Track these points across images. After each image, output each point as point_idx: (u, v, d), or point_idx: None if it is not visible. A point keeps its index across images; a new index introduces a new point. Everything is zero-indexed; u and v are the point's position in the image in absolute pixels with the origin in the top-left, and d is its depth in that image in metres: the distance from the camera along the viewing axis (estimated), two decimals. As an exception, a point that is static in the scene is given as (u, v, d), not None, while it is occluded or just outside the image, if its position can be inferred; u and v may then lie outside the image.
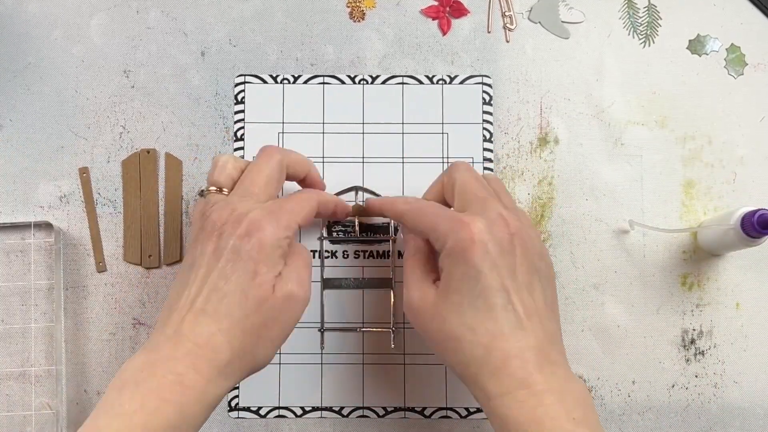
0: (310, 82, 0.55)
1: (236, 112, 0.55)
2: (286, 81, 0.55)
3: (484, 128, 0.55)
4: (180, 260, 0.53)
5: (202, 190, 0.46)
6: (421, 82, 0.55)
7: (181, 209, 0.54)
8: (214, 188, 0.45)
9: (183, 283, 0.42)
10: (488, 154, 0.54)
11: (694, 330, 0.53)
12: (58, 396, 0.52)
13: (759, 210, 0.46)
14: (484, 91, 0.55)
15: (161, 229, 0.54)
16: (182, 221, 0.54)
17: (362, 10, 0.56)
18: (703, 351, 0.53)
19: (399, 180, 0.54)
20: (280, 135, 0.55)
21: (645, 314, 0.53)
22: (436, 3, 0.56)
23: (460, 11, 0.56)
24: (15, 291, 0.53)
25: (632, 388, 0.53)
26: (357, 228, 0.53)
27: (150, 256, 0.53)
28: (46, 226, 0.53)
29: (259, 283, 0.41)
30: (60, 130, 0.54)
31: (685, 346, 0.53)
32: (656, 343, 0.53)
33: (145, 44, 0.56)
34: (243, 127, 0.54)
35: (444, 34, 0.56)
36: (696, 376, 0.53)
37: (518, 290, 0.41)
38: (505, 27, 0.56)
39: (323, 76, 0.55)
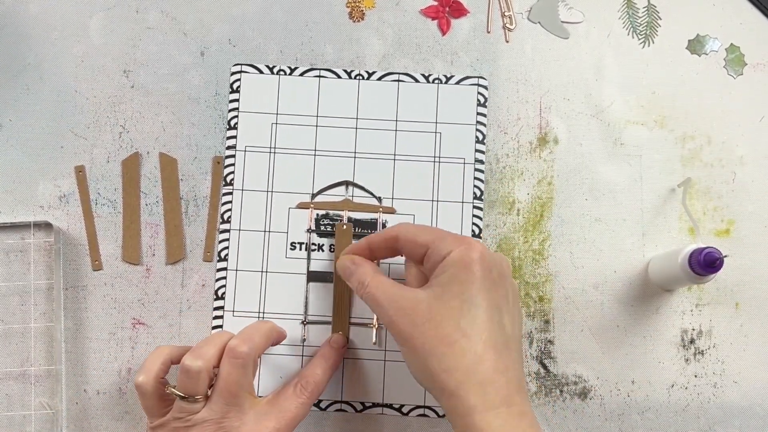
0: (306, 74, 0.55)
1: (231, 101, 0.55)
2: (282, 72, 0.55)
3: (477, 129, 0.55)
4: (183, 258, 0.53)
5: (173, 388, 0.45)
6: (417, 81, 0.55)
7: (180, 208, 0.54)
8: (187, 396, 0.45)
9: None
10: (480, 156, 0.54)
11: (693, 330, 0.53)
12: (58, 396, 0.52)
13: (706, 248, 0.47)
14: (479, 93, 0.55)
15: (162, 229, 0.54)
16: (182, 221, 0.54)
17: (362, 10, 0.56)
18: (702, 351, 0.53)
19: (390, 177, 0.54)
20: (274, 126, 0.55)
21: (644, 314, 0.53)
22: (435, 3, 0.56)
23: (460, 11, 0.56)
24: (15, 291, 0.53)
25: (632, 387, 0.53)
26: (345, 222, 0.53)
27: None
28: (46, 226, 0.53)
29: None
30: (60, 130, 0.54)
31: (684, 346, 0.53)
32: (656, 342, 0.53)
33: (144, 44, 0.56)
34: (237, 116, 0.55)
35: (443, 34, 0.56)
36: (695, 376, 0.53)
37: (509, 313, 0.43)
38: (504, 27, 0.56)
39: (319, 69, 0.55)
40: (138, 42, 0.56)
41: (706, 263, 0.47)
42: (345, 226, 0.53)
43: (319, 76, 0.55)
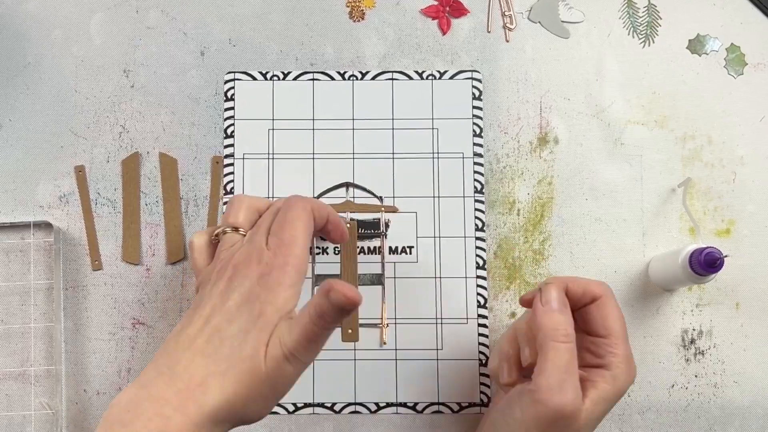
0: (299, 78, 0.55)
1: (226, 109, 0.55)
2: (276, 78, 0.55)
3: (474, 123, 0.55)
4: (184, 258, 0.53)
5: (218, 233, 0.43)
6: (411, 78, 0.55)
7: (180, 208, 0.54)
8: (230, 228, 0.43)
9: (187, 320, 0.40)
10: (478, 149, 0.54)
11: (693, 330, 0.53)
12: (58, 396, 0.51)
13: (707, 248, 0.47)
14: (473, 86, 0.55)
15: (163, 229, 0.54)
16: (182, 221, 0.54)
17: (362, 10, 0.56)
18: (702, 351, 0.53)
19: (389, 175, 0.54)
20: (270, 132, 0.55)
21: (645, 314, 0.53)
22: (435, 3, 0.56)
23: (460, 11, 0.56)
24: (15, 291, 0.53)
25: (632, 388, 0.53)
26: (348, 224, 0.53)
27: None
28: (46, 226, 0.53)
29: (266, 332, 0.38)
30: (59, 130, 0.54)
31: (684, 346, 0.53)
32: (656, 343, 0.53)
33: (145, 44, 0.56)
34: (233, 124, 0.55)
35: (444, 33, 0.56)
36: (696, 376, 0.53)
37: None
38: (504, 27, 0.56)
39: (313, 72, 0.55)
40: (138, 42, 0.56)
41: (706, 263, 0.47)
42: (348, 225, 0.53)
43: (313, 80, 0.55)
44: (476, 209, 0.54)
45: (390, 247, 0.54)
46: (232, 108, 0.55)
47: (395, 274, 0.53)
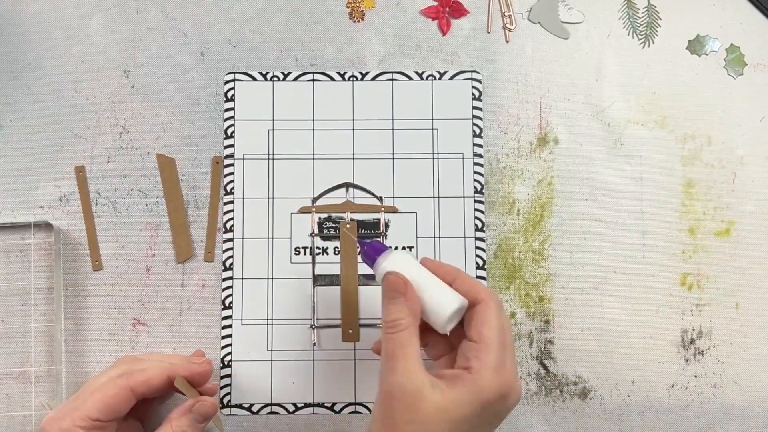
0: (300, 79, 0.55)
1: (226, 110, 0.55)
2: (276, 78, 0.55)
3: (474, 123, 0.55)
4: (191, 256, 0.53)
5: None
6: (410, 78, 0.55)
7: (183, 207, 0.54)
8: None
9: None
10: (478, 150, 0.54)
11: (693, 330, 0.53)
12: (58, 396, 0.52)
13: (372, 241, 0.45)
14: (473, 87, 0.55)
15: (169, 229, 0.54)
16: (187, 219, 0.54)
17: (362, 11, 0.56)
18: (702, 351, 0.53)
19: (389, 176, 0.54)
20: (270, 132, 0.55)
21: (644, 314, 0.53)
22: (435, 3, 0.56)
23: (460, 11, 0.56)
24: (15, 291, 0.53)
25: (632, 388, 0.53)
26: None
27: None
28: (46, 226, 0.53)
29: None
30: (60, 130, 0.54)
31: (684, 346, 0.53)
32: (656, 343, 0.53)
33: (145, 44, 0.56)
34: (233, 125, 0.55)
35: (444, 34, 0.56)
36: (695, 376, 0.53)
37: None
38: (504, 27, 0.56)
39: (313, 72, 0.55)
40: (138, 42, 0.56)
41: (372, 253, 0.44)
42: (348, 225, 0.53)
43: (313, 80, 0.55)
44: (476, 209, 0.54)
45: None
46: (233, 108, 0.55)
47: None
